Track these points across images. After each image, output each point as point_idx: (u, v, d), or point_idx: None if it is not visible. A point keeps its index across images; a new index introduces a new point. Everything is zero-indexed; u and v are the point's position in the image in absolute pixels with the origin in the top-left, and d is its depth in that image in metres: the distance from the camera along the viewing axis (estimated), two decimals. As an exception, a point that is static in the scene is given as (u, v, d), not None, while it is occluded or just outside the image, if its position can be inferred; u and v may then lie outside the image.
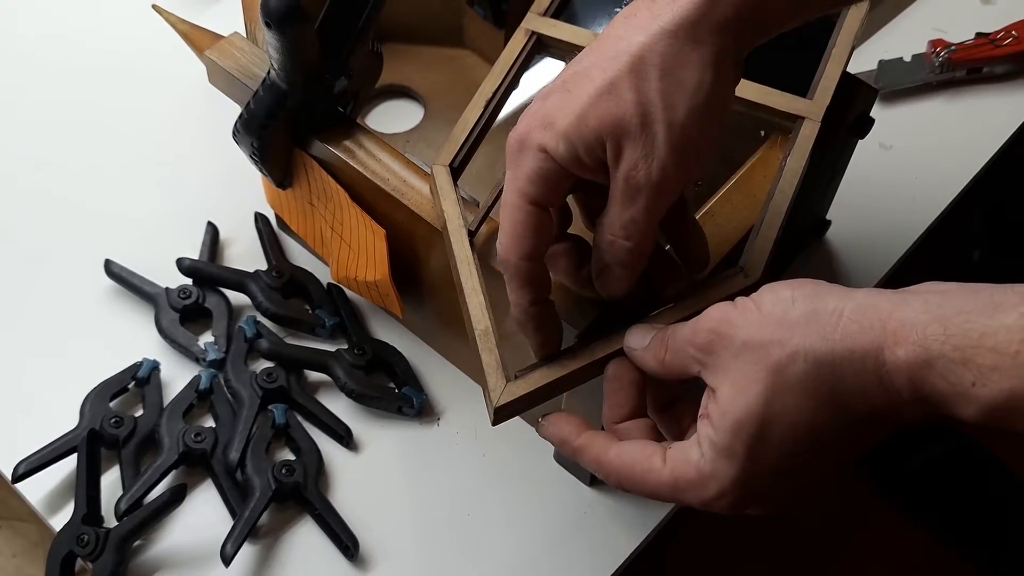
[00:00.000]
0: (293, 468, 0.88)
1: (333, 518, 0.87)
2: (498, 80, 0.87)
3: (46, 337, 0.98)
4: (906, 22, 1.26)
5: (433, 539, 0.89)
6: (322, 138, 0.88)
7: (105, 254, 1.01)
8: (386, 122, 1.13)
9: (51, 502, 0.89)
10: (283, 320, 0.99)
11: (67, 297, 1.01)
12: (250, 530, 0.84)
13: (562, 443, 0.72)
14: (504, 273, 0.70)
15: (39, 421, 0.92)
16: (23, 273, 1.03)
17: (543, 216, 0.68)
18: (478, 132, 0.85)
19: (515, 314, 0.71)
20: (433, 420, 0.96)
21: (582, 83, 0.66)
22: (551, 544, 0.90)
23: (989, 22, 1.22)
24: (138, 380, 0.93)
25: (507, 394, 0.72)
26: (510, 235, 0.68)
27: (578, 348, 0.73)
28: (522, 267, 0.68)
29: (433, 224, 0.83)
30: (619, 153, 0.66)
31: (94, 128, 1.14)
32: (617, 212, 0.67)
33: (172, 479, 0.89)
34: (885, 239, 1.10)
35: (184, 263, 0.99)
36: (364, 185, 0.88)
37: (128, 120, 1.14)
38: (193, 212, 1.06)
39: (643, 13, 0.66)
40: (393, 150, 0.88)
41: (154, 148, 1.12)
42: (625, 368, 0.71)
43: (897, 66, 1.19)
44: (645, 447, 0.68)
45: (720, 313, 0.65)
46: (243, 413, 0.91)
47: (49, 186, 1.09)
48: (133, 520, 0.84)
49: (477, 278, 0.76)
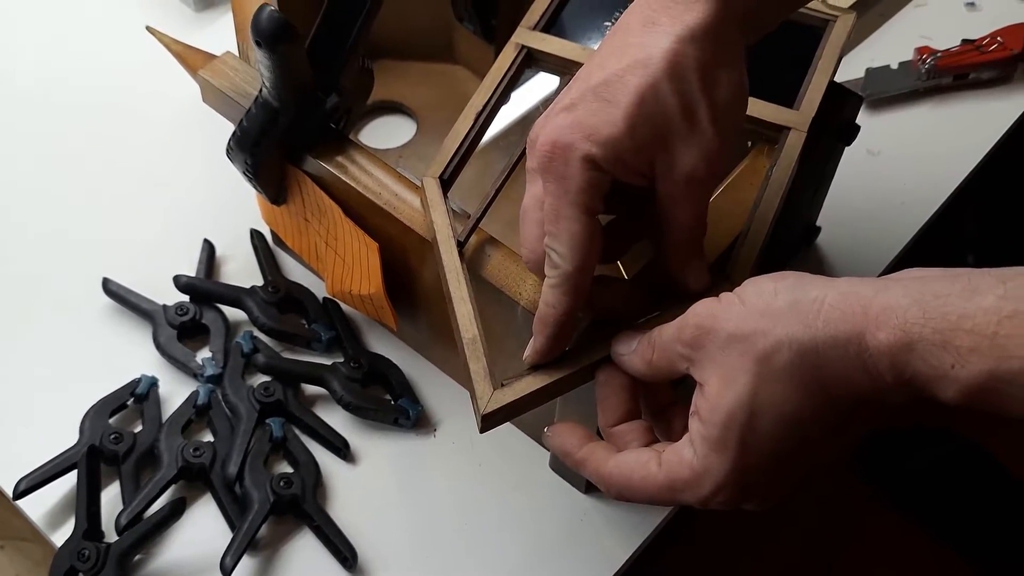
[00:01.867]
0: (291, 481, 0.89)
1: (331, 529, 0.89)
2: (488, 93, 0.88)
3: (46, 355, 1.00)
4: (893, 30, 1.28)
5: (431, 549, 0.91)
6: (315, 154, 0.90)
7: (103, 273, 1.03)
8: (379, 138, 1.15)
9: (52, 518, 0.90)
10: (279, 335, 1.00)
11: (66, 315, 1.03)
12: (249, 542, 0.86)
13: (565, 455, 0.73)
14: (551, 281, 0.71)
15: (39, 438, 0.93)
16: (23, 292, 1.05)
17: (597, 225, 0.70)
18: (468, 145, 0.87)
19: (546, 319, 0.72)
20: (429, 431, 0.97)
21: (619, 91, 0.68)
22: (548, 551, 0.91)
23: (974, 29, 1.24)
24: (137, 396, 0.95)
25: (494, 402, 0.73)
26: (570, 246, 0.69)
27: (564, 356, 0.75)
28: (578, 278, 0.70)
29: (425, 237, 0.84)
30: (672, 154, 0.68)
31: (90, 148, 1.16)
32: (687, 208, 0.70)
33: (171, 493, 0.90)
34: (875, 244, 1.12)
35: (181, 280, 1.01)
36: (357, 200, 0.89)
37: (123, 140, 1.16)
38: (189, 230, 1.07)
39: (664, 19, 0.69)
40: (385, 165, 0.90)
41: (149, 167, 1.14)
42: (615, 373, 0.73)
43: (884, 74, 1.21)
44: (640, 455, 0.69)
45: (704, 308, 0.66)
46: (241, 427, 0.93)
47: (48, 206, 1.11)
48: (133, 535, 0.85)
49: (466, 288, 0.78)
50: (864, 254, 1.11)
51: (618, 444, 0.72)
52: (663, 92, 0.67)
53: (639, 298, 0.76)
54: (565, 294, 0.70)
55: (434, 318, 0.95)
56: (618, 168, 0.68)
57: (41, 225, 1.09)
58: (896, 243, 1.12)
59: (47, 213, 1.10)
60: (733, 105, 0.71)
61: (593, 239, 0.69)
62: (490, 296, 0.82)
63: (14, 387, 0.98)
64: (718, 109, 0.69)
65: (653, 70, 0.67)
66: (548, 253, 0.70)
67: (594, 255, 0.70)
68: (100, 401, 0.94)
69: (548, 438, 0.75)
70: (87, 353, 1.00)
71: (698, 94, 0.68)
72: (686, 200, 0.70)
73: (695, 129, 0.68)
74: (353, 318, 1.03)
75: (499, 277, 0.83)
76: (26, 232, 1.09)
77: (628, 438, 0.72)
